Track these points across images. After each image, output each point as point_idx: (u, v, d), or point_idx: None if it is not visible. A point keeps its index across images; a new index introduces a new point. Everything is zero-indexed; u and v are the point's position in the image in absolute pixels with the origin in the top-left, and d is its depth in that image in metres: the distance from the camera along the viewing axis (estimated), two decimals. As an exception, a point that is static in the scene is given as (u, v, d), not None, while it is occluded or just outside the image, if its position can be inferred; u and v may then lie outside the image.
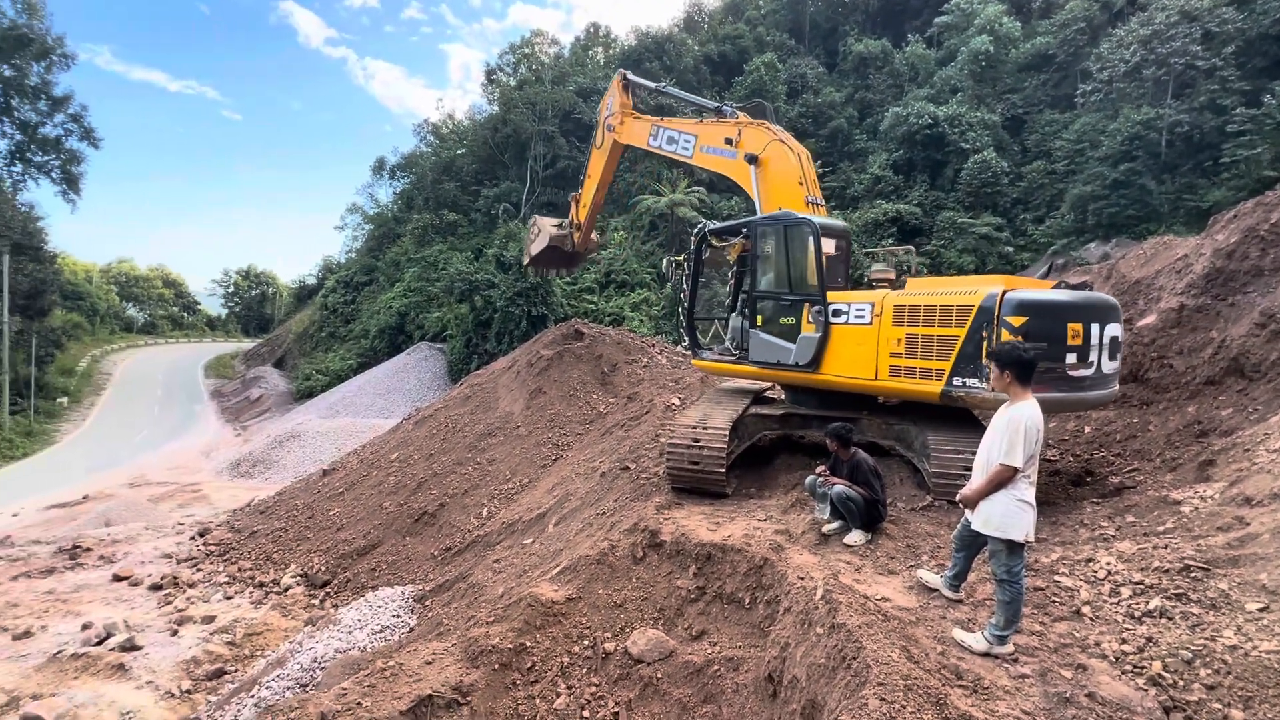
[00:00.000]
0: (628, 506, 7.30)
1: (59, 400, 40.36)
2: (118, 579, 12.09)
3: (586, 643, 5.35)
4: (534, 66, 54.88)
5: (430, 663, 5.18)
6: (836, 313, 7.05)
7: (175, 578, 11.87)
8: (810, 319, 7.27)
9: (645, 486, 7.79)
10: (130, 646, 9.02)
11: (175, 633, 9.61)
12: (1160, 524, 5.37)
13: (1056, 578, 4.73)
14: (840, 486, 5.49)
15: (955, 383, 6.03)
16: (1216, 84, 30.40)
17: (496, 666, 5.11)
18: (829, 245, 7.77)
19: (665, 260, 10.01)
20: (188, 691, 8.05)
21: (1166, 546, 4.75)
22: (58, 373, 43.83)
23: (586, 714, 4.83)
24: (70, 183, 44.96)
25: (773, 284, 7.95)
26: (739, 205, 36.35)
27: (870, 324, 6.72)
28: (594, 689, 5.00)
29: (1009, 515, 3.79)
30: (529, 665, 5.19)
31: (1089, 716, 3.27)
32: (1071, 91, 38.51)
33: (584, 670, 5.17)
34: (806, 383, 7.58)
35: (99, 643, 9.15)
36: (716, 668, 4.78)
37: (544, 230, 14.18)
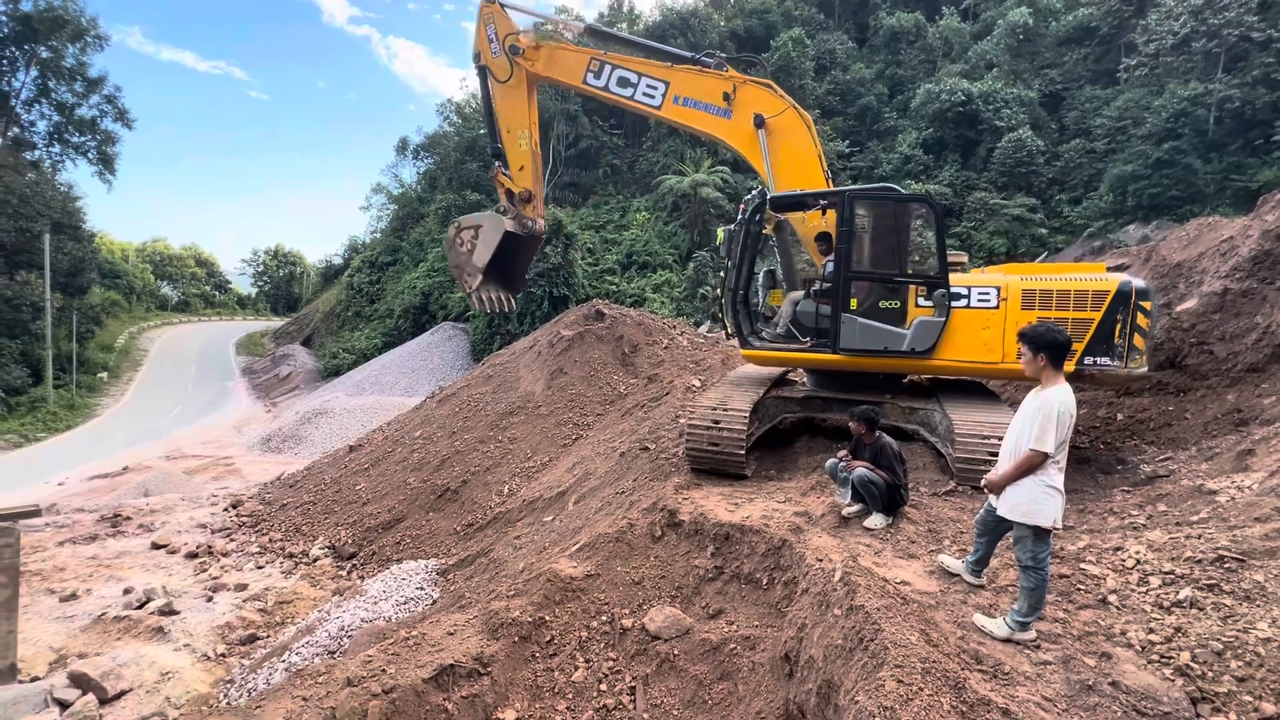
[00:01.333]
0: (647, 486, 7.34)
1: (99, 375, 41.81)
2: (156, 547, 12.58)
3: (604, 618, 5.42)
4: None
5: (452, 634, 5.30)
6: (955, 296, 6.85)
7: (210, 547, 12.30)
8: (930, 302, 6.91)
9: (665, 467, 7.81)
10: (169, 611, 9.40)
11: (210, 599, 9.98)
12: (1194, 513, 5.22)
13: (1083, 565, 4.64)
14: (861, 469, 5.43)
15: (1087, 361, 6.57)
16: (1272, 56, 28.83)
17: (516, 639, 5.20)
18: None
19: (720, 229, 8.51)
20: (222, 655, 8.38)
21: (1200, 536, 4.62)
22: (97, 349, 45.34)
23: (604, 687, 4.90)
24: (106, 163, 46.07)
25: (876, 264, 7.31)
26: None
27: (996, 308, 6.75)
28: (611, 663, 5.07)
29: (1036, 501, 3.71)
30: (548, 639, 5.28)
31: (1112, 705, 3.22)
32: (1114, 66, 36.90)
33: (602, 645, 5.25)
34: (917, 369, 7.32)
35: (139, 606, 9.56)
36: (733, 646, 4.80)
37: (488, 227, 9.75)
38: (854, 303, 7.04)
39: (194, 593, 10.26)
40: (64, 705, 7.00)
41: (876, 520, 5.42)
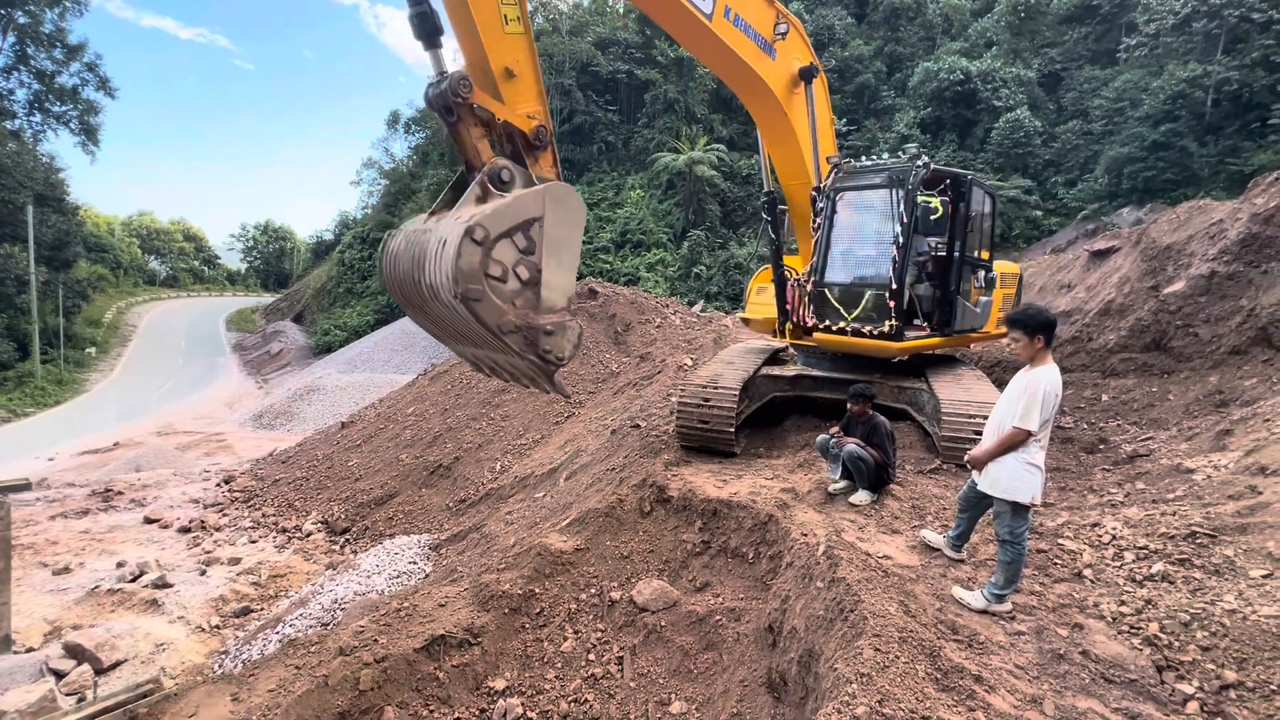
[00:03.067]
0: (637, 463, 7.41)
1: (87, 350, 41.42)
2: (148, 521, 12.63)
3: (593, 591, 5.52)
4: (551, 16, 53.20)
5: (443, 605, 5.39)
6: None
7: (203, 522, 12.36)
8: (983, 284, 7.75)
9: (655, 444, 7.88)
10: (162, 584, 9.48)
11: (204, 573, 10.06)
12: (1171, 491, 5.34)
13: (1060, 541, 4.75)
14: (852, 445, 5.49)
15: None
16: (1272, 39, 28.64)
17: (506, 611, 5.30)
18: None
19: (764, 194, 7.90)
20: (216, 626, 8.48)
21: (1174, 513, 4.74)
22: (85, 324, 44.84)
23: (592, 657, 5.02)
24: (89, 133, 45.03)
25: (971, 248, 7.59)
26: (759, 165, 35.46)
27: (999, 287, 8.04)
28: (600, 634, 5.18)
29: (1017, 478, 3.79)
30: (538, 610, 5.38)
31: (1081, 673, 3.33)
32: (1114, 46, 36.58)
33: (590, 617, 5.35)
34: (981, 341, 8.08)
35: (133, 580, 9.63)
36: (718, 618, 4.91)
37: (556, 222, 4.02)
38: (960, 286, 7.50)
39: (187, 566, 10.33)
40: (59, 675, 7.08)
41: (862, 497, 5.52)
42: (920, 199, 6.72)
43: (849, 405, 5.81)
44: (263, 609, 8.94)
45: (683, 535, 5.80)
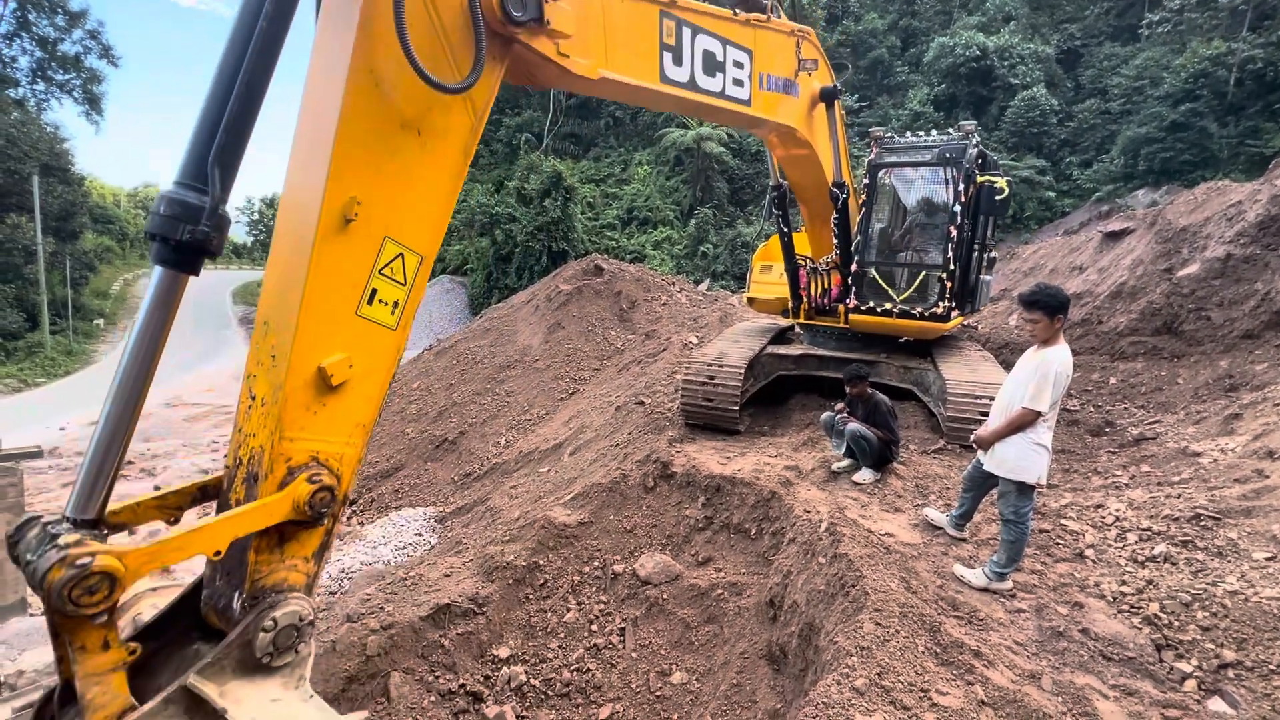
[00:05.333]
0: (641, 439, 7.44)
1: (96, 322, 41.66)
2: (158, 490, 12.81)
3: (596, 564, 5.58)
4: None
5: (449, 575, 5.47)
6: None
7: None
8: (987, 264, 7.92)
9: (659, 421, 7.90)
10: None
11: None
12: (1176, 474, 5.33)
13: (1063, 521, 4.76)
14: (856, 425, 5.49)
15: None
16: (1301, 15, 27.84)
17: (510, 581, 5.37)
18: None
19: (772, 189, 7.35)
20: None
21: (1179, 496, 4.73)
22: (92, 295, 45.04)
23: (595, 628, 5.09)
24: (92, 103, 44.67)
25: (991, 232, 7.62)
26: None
27: None
28: (602, 606, 5.25)
29: (1023, 458, 3.77)
30: (541, 582, 5.45)
31: (1080, 650, 3.36)
32: (1136, 22, 35.62)
33: (594, 589, 5.42)
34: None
35: (144, 546, 9.79)
36: (720, 591, 4.96)
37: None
38: (982, 265, 7.58)
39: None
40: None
41: (866, 475, 5.52)
42: (983, 179, 6.56)
43: (846, 388, 5.81)
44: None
45: (686, 511, 5.84)
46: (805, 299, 7.90)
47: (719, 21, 4.34)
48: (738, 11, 4.77)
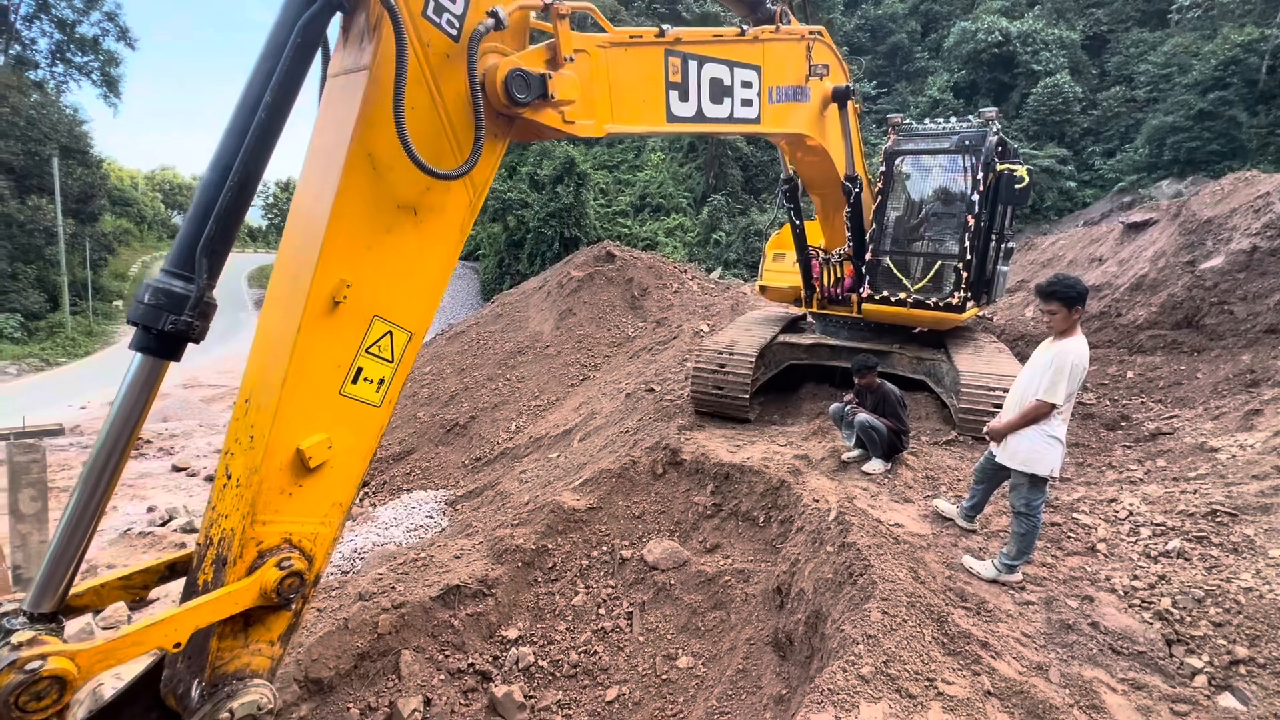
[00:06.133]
0: (651, 426, 7.45)
1: (115, 303, 42.26)
2: (176, 469, 13.05)
3: (605, 549, 5.62)
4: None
5: (459, 557, 5.54)
6: None
7: (228, 471, 12.75)
8: (1003, 255, 7.81)
9: (669, 408, 7.90)
10: (190, 529, 9.82)
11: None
12: (1193, 470, 5.26)
13: (1075, 515, 4.72)
14: (865, 415, 5.47)
15: None
16: (1338, 0, 26.93)
17: (520, 564, 5.42)
18: None
19: (783, 181, 7.31)
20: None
21: (1195, 491, 4.67)
22: (111, 277, 45.66)
23: (602, 611, 5.14)
24: (110, 85, 45.01)
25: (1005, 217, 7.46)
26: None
27: None
28: (610, 590, 5.29)
29: (1036, 450, 3.74)
30: (550, 565, 5.50)
31: (1089, 643, 3.34)
32: (1166, 7, 34.64)
33: (602, 573, 5.46)
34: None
35: (163, 524, 10.00)
36: (727, 578, 4.99)
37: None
38: (1000, 256, 7.50)
39: (214, 513, 10.71)
40: (97, 610, 7.43)
41: (875, 465, 5.50)
42: (1003, 167, 6.41)
43: (855, 378, 5.77)
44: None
45: (694, 498, 5.85)
46: (818, 288, 7.84)
47: (725, 46, 4.18)
48: (745, 29, 4.59)
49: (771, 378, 7.81)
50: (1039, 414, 3.69)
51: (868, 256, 7.11)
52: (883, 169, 7.13)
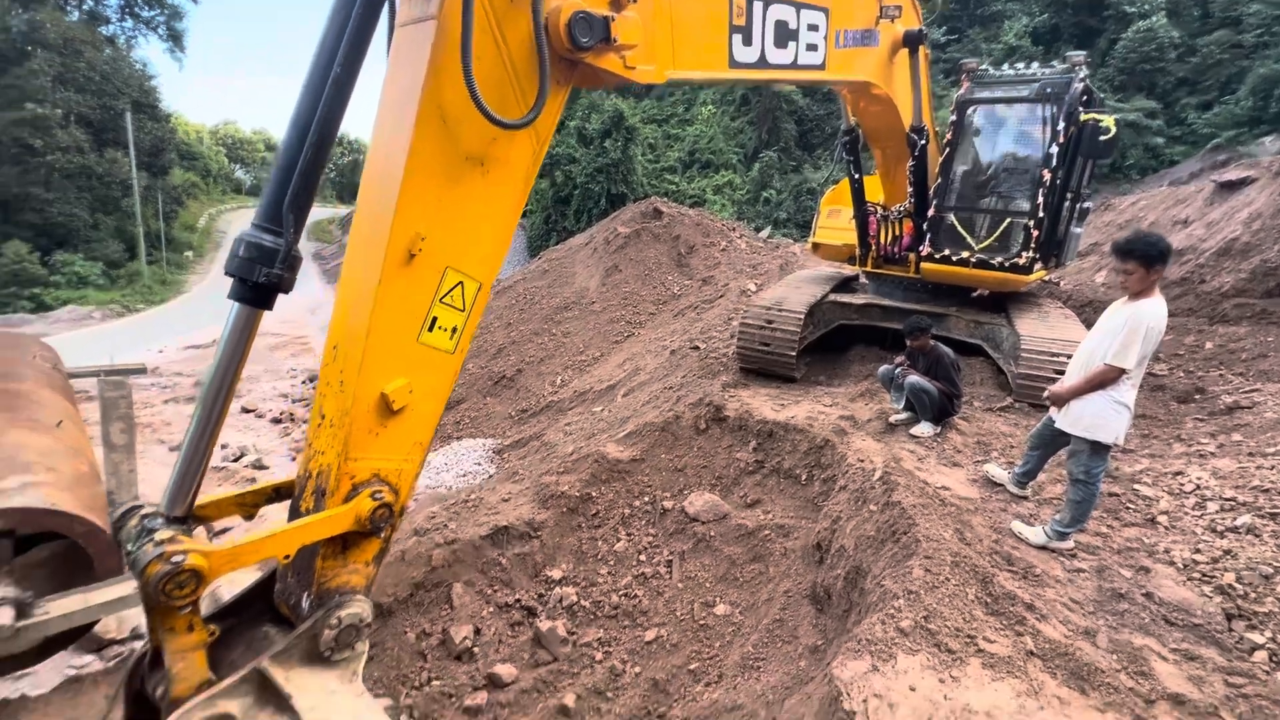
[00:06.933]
0: (695, 383, 7.47)
1: (186, 254, 44.54)
2: (245, 411, 13.90)
3: (646, 499, 5.75)
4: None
5: (507, 500, 5.77)
6: None
7: (291, 414, 13.50)
8: (1077, 215, 7.16)
9: (714, 366, 7.89)
10: (259, 465, 10.54)
11: (294, 459, 11.10)
12: (1271, 445, 4.95)
13: (1137, 487, 4.54)
14: (916, 377, 5.34)
15: None
16: None
17: (564, 510, 5.62)
18: None
19: (843, 132, 6.96)
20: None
21: (1273, 468, 4.41)
22: (182, 228, 47.95)
23: (643, 558, 5.29)
24: (175, 39, 46.33)
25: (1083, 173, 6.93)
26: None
27: None
28: (651, 538, 5.44)
29: (1101, 416, 3.58)
30: (593, 512, 5.68)
31: (1141, 612, 3.26)
32: (1288, -63, 30.78)
33: (643, 522, 5.61)
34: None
35: (235, 460, 10.74)
36: (767, 533, 5.04)
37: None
38: (1075, 215, 6.90)
39: (279, 452, 11.41)
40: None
41: (924, 429, 5.40)
42: (1087, 116, 5.93)
43: (907, 340, 5.60)
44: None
45: (736, 454, 5.89)
46: (873, 246, 7.58)
47: None
48: None
49: (820, 338, 7.68)
50: (1107, 379, 3.52)
51: (930, 213, 6.79)
52: (952, 119, 6.72)
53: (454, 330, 2.37)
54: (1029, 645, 2.83)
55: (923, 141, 6.39)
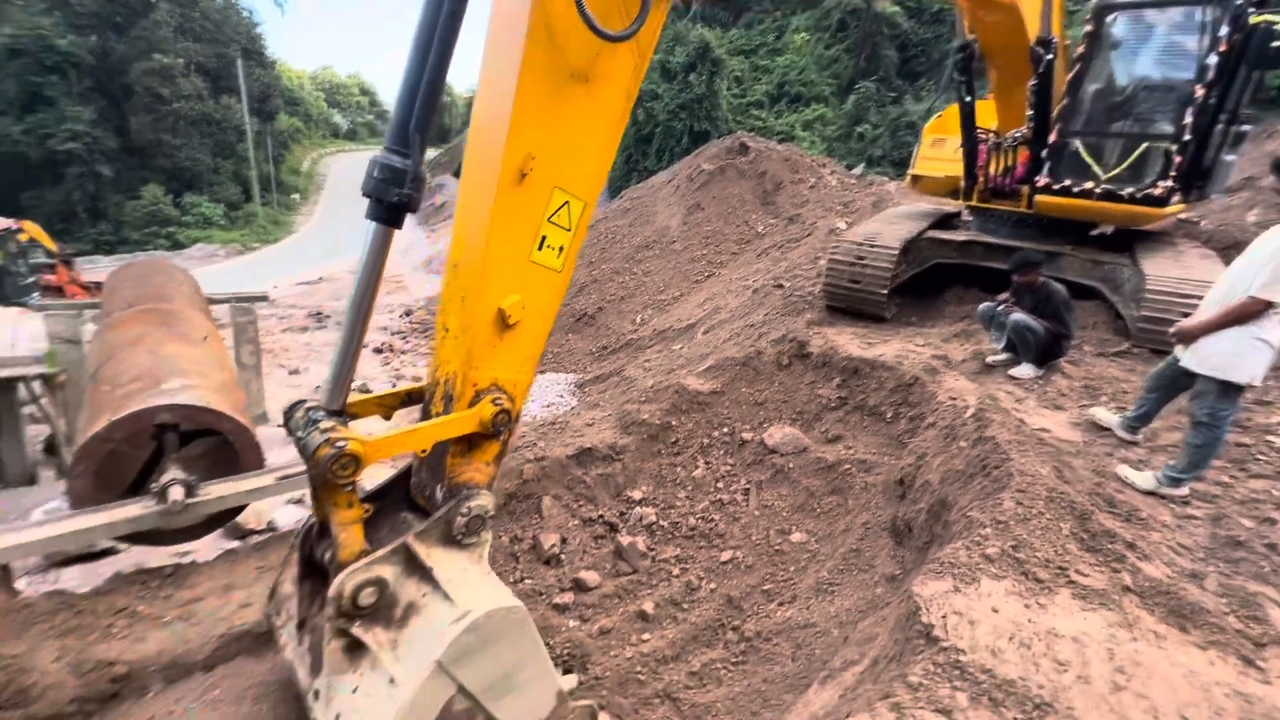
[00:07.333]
0: (778, 320, 7.37)
1: (293, 196, 47.64)
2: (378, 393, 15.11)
3: (725, 430, 5.84)
4: None
5: (590, 425, 6.04)
6: None
7: (390, 345, 14.52)
8: (1231, 140, 6.22)
9: (798, 304, 7.73)
10: (364, 390, 11.50)
11: (394, 384, 12.03)
12: None
13: (1270, 438, 4.14)
14: (1021, 315, 5.02)
15: None
16: None
17: (645, 436, 5.82)
18: None
19: (958, 48, 6.45)
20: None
21: None
22: (289, 172, 51.10)
23: (720, 485, 5.44)
24: (278, -14, 48.01)
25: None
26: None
27: None
28: (729, 468, 5.56)
29: (1237, 354, 3.26)
30: (673, 440, 5.85)
31: (1261, 562, 3.04)
32: None
33: (722, 452, 5.73)
34: None
35: (344, 383, 11.81)
36: (848, 467, 5.03)
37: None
38: (1226, 140, 6.04)
39: (381, 378, 12.38)
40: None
41: (1025, 370, 5.11)
42: (1258, 19, 5.18)
43: (1013, 277, 5.23)
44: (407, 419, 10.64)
45: (819, 390, 5.83)
46: (981, 178, 7.02)
47: None
48: None
49: (914, 277, 7.31)
50: (1249, 312, 3.18)
51: (1051, 138, 6.17)
52: (1087, 28, 5.99)
53: (560, 249, 2.51)
54: (1126, 581, 2.73)
55: (1049, 56, 5.75)
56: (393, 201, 2.26)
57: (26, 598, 3.47)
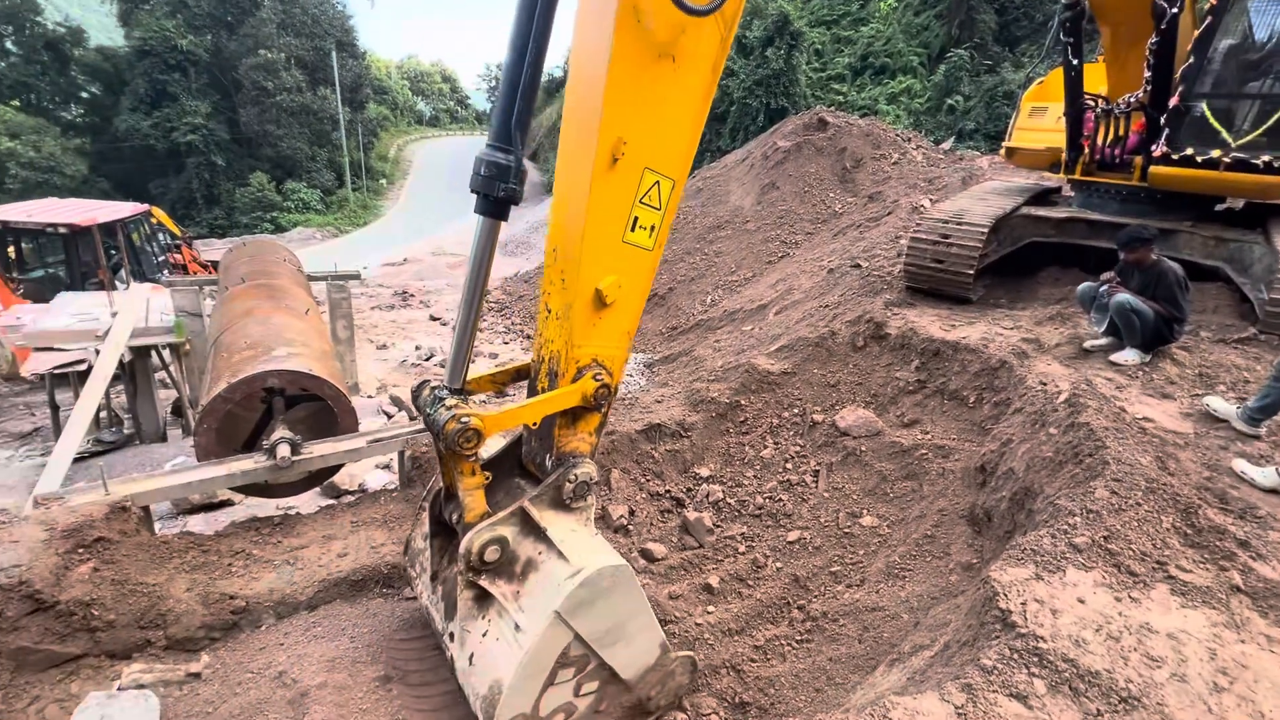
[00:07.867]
0: (854, 301, 7.15)
1: (381, 181, 50.17)
2: (433, 319, 15.86)
3: (796, 410, 5.77)
4: None
5: (659, 402, 6.12)
6: None
7: (470, 323, 15.20)
8: None
9: (876, 285, 7.46)
10: (445, 366, 12.13)
11: (473, 361, 12.59)
12: None
13: None
14: (1126, 295, 4.64)
15: None
16: None
17: (713, 415, 5.84)
18: None
19: (1065, 5, 5.75)
20: (484, 400, 10.75)
21: None
22: (377, 159, 53.78)
23: (789, 466, 5.39)
24: (368, -21, 50.12)
25: None
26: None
27: None
28: (799, 448, 5.50)
29: None
30: (742, 419, 5.84)
31: (1405, 571, 2.72)
32: None
33: (791, 433, 5.67)
34: None
35: (426, 359, 12.44)
36: (924, 452, 4.86)
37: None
38: None
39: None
40: (388, 416, 9.72)
41: (1129, 355, 4.73)
42: None
43: (1121, 254, 4.81)
44: (515, 393, 11.05)
45: (896, 372, 5.64)
46: (1086, 149, 6.48)
47: None
48: None
49: (1005, 257, 6.87)
50: (1403, 292, 2.82)
51: (1173, 102, 5.59)
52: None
53: (652, 228, 2.61)
54: (1236, 580, 2.52)
55: (1175, 10, 5.20)
56: (499, 196, 2.42)
57: (163, 536, 3.95)
